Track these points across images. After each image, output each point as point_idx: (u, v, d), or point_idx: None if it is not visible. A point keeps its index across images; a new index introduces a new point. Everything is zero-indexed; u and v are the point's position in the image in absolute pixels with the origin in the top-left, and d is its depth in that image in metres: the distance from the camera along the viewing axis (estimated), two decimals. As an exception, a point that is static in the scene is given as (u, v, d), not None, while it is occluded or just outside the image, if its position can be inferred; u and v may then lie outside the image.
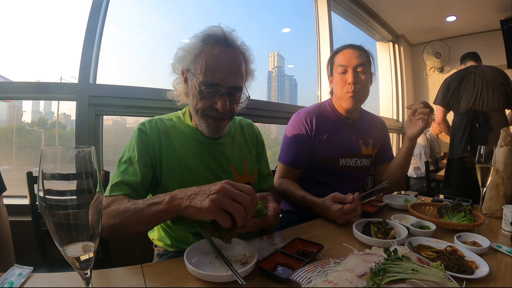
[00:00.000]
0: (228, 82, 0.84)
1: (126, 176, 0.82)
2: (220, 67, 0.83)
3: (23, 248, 1.08)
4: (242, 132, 1.07)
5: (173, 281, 0.59)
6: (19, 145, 1.67)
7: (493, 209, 1.02)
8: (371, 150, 1.36)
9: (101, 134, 1.57)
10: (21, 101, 1.74)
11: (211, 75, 0.82)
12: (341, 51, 1.28)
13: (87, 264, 0.43)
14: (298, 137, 1.27)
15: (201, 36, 0.86)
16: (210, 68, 0.82)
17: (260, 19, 3.19)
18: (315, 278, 0.54)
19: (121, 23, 1.82)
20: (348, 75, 1.23)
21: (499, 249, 0.74)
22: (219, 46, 0.84)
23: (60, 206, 0.40)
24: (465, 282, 0.56)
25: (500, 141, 1.09)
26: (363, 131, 1.35)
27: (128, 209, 0.70)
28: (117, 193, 0.78)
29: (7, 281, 0.56)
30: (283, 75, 6.37)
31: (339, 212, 0.91)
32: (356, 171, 1.33)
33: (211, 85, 0.83)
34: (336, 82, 1.28)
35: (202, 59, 0.83)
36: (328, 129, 1.28)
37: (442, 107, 2.49)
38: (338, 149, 1.28)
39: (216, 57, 0.83)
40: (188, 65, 0.87)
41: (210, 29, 0.86)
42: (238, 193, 0.61)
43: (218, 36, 0.85)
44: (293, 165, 1.28)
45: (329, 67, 1.35)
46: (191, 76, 0.87)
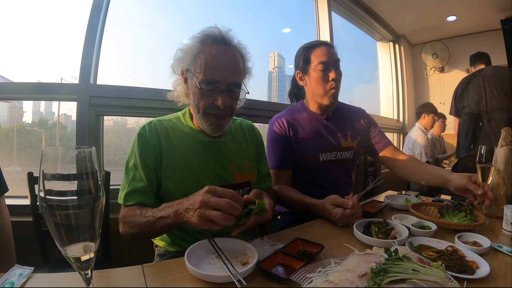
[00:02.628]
0: (228, 79, 0.86)
1: (135, 184, 0.87)
2: (219, 65, 0.85)
3: (24, 248, 1.08)
4: (243, 132, 1.08)
5: (174, 281, 0.59)
6: (20, 145, 1.67)
7: (494, 209, 1.02)
8: (351, 142, 1.36)
9: (102, 135, 1.57)
10: (22, 101, 1.74)
11: (210, 73, 0.84)
12: (316, 48, 1.25)
13: (88, 265, 0.44)
14: (277, 140, 1.30)
15: (199, 36, 0.88)
16: (210, 66, 0.85)
17: (260, 19, 3.20)
18: (315, 278, 0.54)
19: (121, 23, 1.82)
20: (331, 72, 1.21)
21: (500, 249, 0.74)
22: (217, 45, 0.87)
23: (60, 206, 0.40)
24: (466, 282, 0.56)
25: (500, 141, 1.09)
26: (339, 125, 1.35)
27: (141, 223, 0.78)
28: (130, 202, 0.85)
29: (8, 281, 0.56)
30: (284, 75, 6.38)
31: (340, 216, 0.91)
32: (339, 164, 1.34)
33: (211, 83, 0.85)
34: (315, 79, 1.24)
35: (201, 58, 0.85)
36: (302, 128, 1.30)
37: (456, 117, 2.51)
38: (316, 146, 1.29)
39: (215, 55, 0.85)
40: (187, 65, 0.89)
41: (207, 30, 0.89)
42: (215, 202, 0.63)
43: (216, 36, 0.87)
44: (281, 167, 1.28)
45: (301, 64, 1.28)
46: (191, 76, 0.89)
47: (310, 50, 1.26)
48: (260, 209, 0.70)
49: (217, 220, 0.63)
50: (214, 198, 0.64)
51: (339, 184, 1.35)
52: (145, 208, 0.82)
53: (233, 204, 0.64)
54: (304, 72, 1.29)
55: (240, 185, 1.00)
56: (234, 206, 0.64)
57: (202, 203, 0.64)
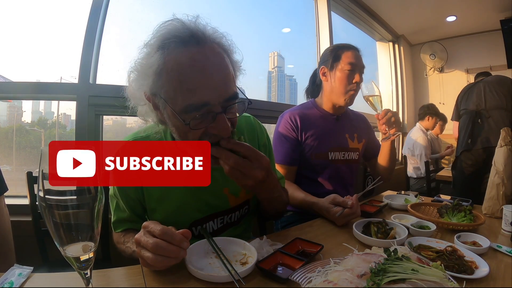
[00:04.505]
0: (220, 95, 0.61)
1: (119, 213, 0.82)
2: (202, 79, 0.60)
3: (23, 248, 1.08)
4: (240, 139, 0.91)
5: (173, 281, 0.59)
6: (19, 145, 1.67)
7: (493, 209, 1.02)
8: (357, 144, 1.40)
9: (101, 134, 1.57)
10: (21, 101, 1.74)
11: (193, 95, 0.60)
12: (349, 50, 1.29)
13: (87, 264, 0.44)
14: (285, 135, 1.31)
15: (156, 41, 0.62)
16: (188, 85, 0.59)
17: (260, 19, 3.19)
18: (315, 278, 0.54)
19: (121, 22, 1.81)
20: (357, 75, 1.26)
21: (499, 249, 0.74)
22: (187, 48, 0.60)
23: (60, 206, 0.40)
24: (465, 282, 0.56)
25: (500, 141, 1.09)
26: (348, 126, 1.39)
27: (123, 250, 0.76)
28: (118, 230, 0.82)
29: (7, 281, 0.56)
30: (283, 75, 6.39)
31: (339, 216, 0.91)
32: (346, 164, 1.36)
33: (198, 108, 0.60)
34: (339, 78, 1.28)
35: (170, 76, 0.60)
36: (313, 125, 1.31)
37: (455, 122, 2.52)
38: (326, 144, 1.31)
39: (190, 67, 0.59)
40: (151, 89, 0.63)
41: (164, 27, 0.62)
42: (144, 242, 0.57)
43: (181, 34, 0.61)
44: (286, 162, 1.29)
45: (330, 60, 1.31)
46: (162, 103, 0.63)
47: (342, 49, 1.30)
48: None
49: (149, 262, 0.56)
50: (144, 237, 0.57)
51: (343, 184, 1.36)
52: (128, 235, 0.78)
53: (160, 245, 0.55)
54: (330, 68, 1.32)
55: (236, 208, 0.87)
56: (162, 248, 0.55)
57: (136, 241, 0.58)
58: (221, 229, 0.87)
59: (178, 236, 0.57)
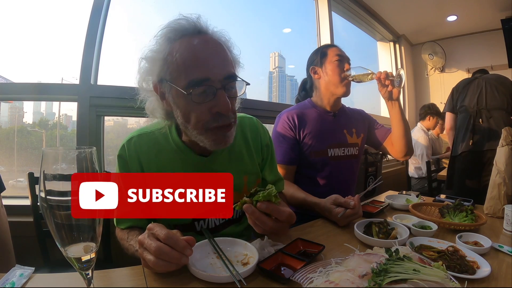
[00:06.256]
0: (219, 72, 0.68)
1: None
2: (203, 57, 0.68)
3: (25, 248, 1.08)
4: (243, 136, 0.91)
5: (174, 282, 0.59)
6: (21, 146, 1.67)
7: (495, 209, 1.02)
8: (356, 139, 1.42)
9: (102, 135, 1.57)
10: (23, 102, 1.74)
11: (194, 70, 0.67)
12: (332, 47, 1.37)
13: (89, 265, 0.44)
14: (283, 135, 1.32)
15: (163, 34, 0.71)
16: (190, 63, 0.67)
17: (260, 19, 3.20)
18: (316, 279, 0.54)
19: (122, 23, 1.82)
20: (346, 64, 1.31)
21: (500, 249, 0.74)
22: (191, 37, 0.70)
23: (61, 206, 0.40)
24: (466, 282, 0.55)
25: (501, 141, 1.09)
26: (345, 122, 1.41)
27: (127, 248, 0.76)
28: (122, 226, 0.82)
29: (9, 281, 0.56)
30: (284, 75, 6.38)
31: (341, 216, 0.91)
32: (345, 160, 1.37)
33: (200, 83, 0.67)
34: (331, 69, 1.32)
35: (176, 57, 0.68)
36: (311, 123, 1.33)
37: (450, 113, 2.50)
38: (325, 141, 1.32)
39: (193, 48, 0.68)
40: (159, 74, 0.71)
41: (171, 23, 0.72)
42: (147, 245, 0.57)
43: (186, 27, 0.71)
44: (285, 162, 1.29)
45: (318, 58, 1.36)
46: (168, 86, 0.70)
47: (326, 47, 1.38)
48: (267, 197, 0.67)
49: (150, 265, 0.56)
50: (147, 240, 0.57)
51: (344, 182, 1.37)
52: (132, 233, 0.78)
53: (162, 249, 0.55)
54: (320, 64, 1.36)
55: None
56: (164, 253, 0.55)
57: (139, 243, 0.59)
58: (223, 226, 0.87)
59: (182, 242, 0.57)
